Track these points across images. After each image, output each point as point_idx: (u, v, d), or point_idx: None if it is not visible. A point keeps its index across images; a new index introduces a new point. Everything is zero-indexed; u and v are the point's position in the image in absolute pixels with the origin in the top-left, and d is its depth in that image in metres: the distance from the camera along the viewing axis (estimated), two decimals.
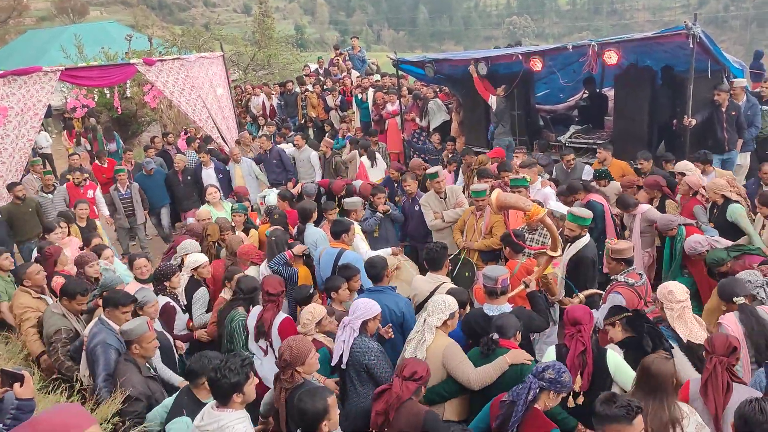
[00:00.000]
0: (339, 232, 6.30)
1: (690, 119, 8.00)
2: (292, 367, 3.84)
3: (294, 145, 11.12)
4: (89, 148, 14.22)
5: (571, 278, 5.72)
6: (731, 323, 4.27)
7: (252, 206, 9.32)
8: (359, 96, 13.98)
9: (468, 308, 5.05)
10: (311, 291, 5.37)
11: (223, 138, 12.51)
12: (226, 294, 5.80)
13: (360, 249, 6.53)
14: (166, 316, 5.60)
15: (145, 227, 10.66)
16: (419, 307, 5.27)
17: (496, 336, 4.12)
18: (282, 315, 5.03)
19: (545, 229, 6.20)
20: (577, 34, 64.97)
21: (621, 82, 9.30)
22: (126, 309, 4.81)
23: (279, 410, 3.91)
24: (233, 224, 7.66)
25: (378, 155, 10.99)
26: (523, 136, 10.47)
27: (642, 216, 6.92)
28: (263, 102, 15.70)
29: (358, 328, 4.42)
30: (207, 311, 6.10)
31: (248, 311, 5.32)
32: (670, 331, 4.27)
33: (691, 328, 4.29)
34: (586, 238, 5.80)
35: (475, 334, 4.61)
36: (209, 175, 10.60)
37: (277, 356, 3.93)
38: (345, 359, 4.34)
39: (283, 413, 3.87)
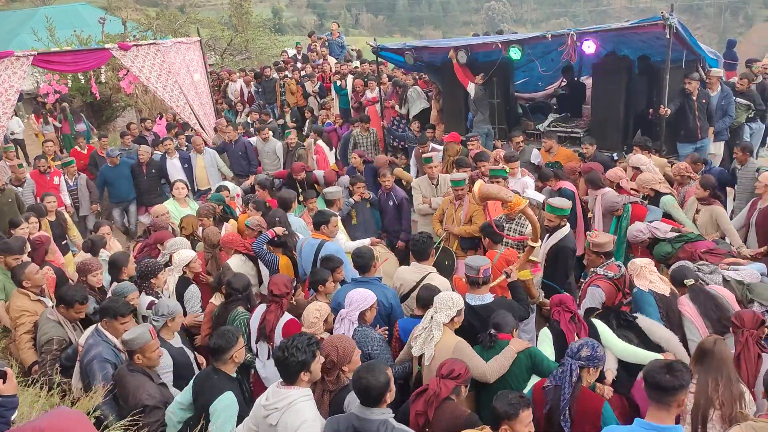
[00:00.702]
0: (320, 222, 6.22)
1: (666, 109, 8.11)
2: (339, 367, 3.74)
3: (263, 139, 10.90)
4: (58, 125, 13.94)
5: (550, 268, 5.81)
6: (685, 304, 4.62)
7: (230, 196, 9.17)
8: (338, 83, 13.90)
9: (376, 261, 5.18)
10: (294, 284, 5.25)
11: (200, 125, 12.37)
12: (216, 300, 5.54)
13: (339, 241, 6.50)
14: None
15: (86, 221, 10.18)
16: (405, 298, 5.29)
17: (493, 331, 4.19)
18: (286, 316, 4.83)
19: (523, 218, 6.30)
20: (554, 20, 65.21)
21: (599, 71, 9.38)
22: (125, 320, 4.56)
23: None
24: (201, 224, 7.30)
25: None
26: (502, 124, 10.52)
27: (603, 198, 7.03)
28: (241, 88, 15.54)
29: (356, 319, 4.43)
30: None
31: (250, 310, 5.14)
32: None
33: (652, 281, 4.86)
34: (566, 229, 5.88)
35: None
36: (174, 165, 10.30)
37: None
38: None
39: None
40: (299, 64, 16.51)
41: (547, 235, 5.93)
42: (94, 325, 4.61)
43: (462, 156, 8.53)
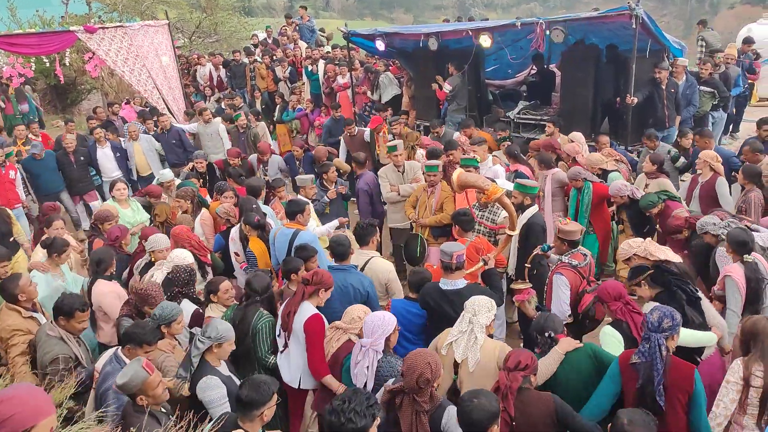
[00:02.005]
0: (294, 212, 6.11)
1: (632, 97, 8.28)
2: (432, 383, 3.43)
3: (205, 121, 10.66)
4: (2, 105, 13.50)
5: (522, 246, 6.00)
6: (735, 272, 4.68)
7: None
8: (309, 68, 13.82)
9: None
10: (270, 280, 5.05)
11: (169, 109, 12.21)
12: (213, 311, 5.09)
13: (309, 226, 6.46)
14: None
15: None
16: None
17: (552, 333, 4.04)
18: (309, 310, 4.48)
19: (496, 206, 6.43)
20: (525, 5, 65.28)
21: (567, 59, 9.52)
22: (151, 349, 4.06)
23: None
24: (179, 205, 7.26)
25: None
26: (473, 111, 10.61)
27: (552, 177, 7.34)
28: (210, 72, 15.34)
29: (382, 349, 4.01)
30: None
31: (274, 314, 4.80)
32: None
33: (665, 252, 4.81)
34: (534, 208, 6.14)
35: (428, 308, 4.76)
36: (105, 155, 9.97)
37: (407, 377, 3.35)
38: (371, 386, 3.92)
39: None
40: (269, 49, 16.33)
41: (519, 212, 6.08)
42: (113, 350, 4.14)
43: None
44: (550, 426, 3.48)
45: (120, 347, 4.10)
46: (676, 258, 4.77)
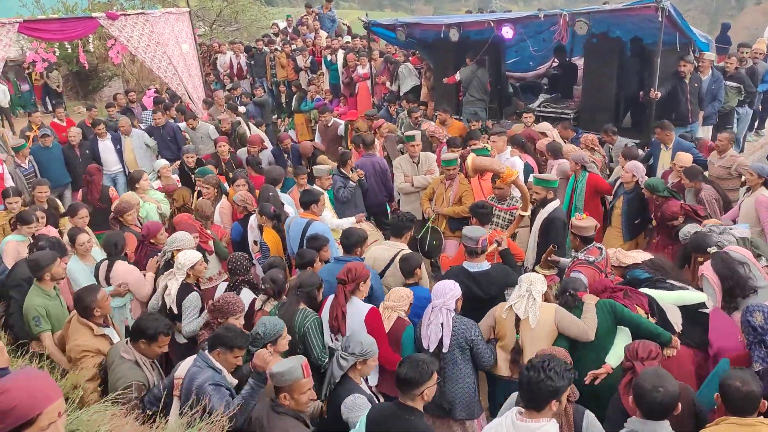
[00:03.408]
0: (308, 202, 6.19)
1: (656, 92, 8.15)
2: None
3: (191, 128, 10.42)
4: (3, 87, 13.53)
5: (543, 240, 6.01)
6: (707, 270, 4.79)
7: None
8: (329, 57, 13.79)
9: (419, 273, 5.01)
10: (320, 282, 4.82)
11: (190, 97, 12.27)
12: (267, 306, 4.77)
13: (326, 219, 6.49)
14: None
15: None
16: (380, 275, 5.25)
17: (573, 291, 4.44)
18: (363, 306, 4.44)
19: (512, 199, 6.44)
20: None
21: (591, 51, 9.38)
22: (240, 353, 3.85)
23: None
24: (206, 192, 7.22)
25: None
26: (494, 103, 10.52)
27: (558, 168, 7.38)
28: (230, 60, 15.37)
29: (454, 307, 4.26)
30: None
31: (317, 309, 4.67)
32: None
33: (634, 256, 4.97)
34: (556, 202, 6.14)
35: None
36: (107, 147, 9.87)
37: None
38: (448, 342, 4.14)
39: None
40: (289, 38, 16.32)
41: (540, 208, 6.13)
42: (194, 356, 3.88)
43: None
44: (688, 417, 3.46)
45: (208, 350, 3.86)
46: (645, 257, 4.96)
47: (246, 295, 4.91)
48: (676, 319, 4.35)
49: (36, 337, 4.65)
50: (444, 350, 4.14)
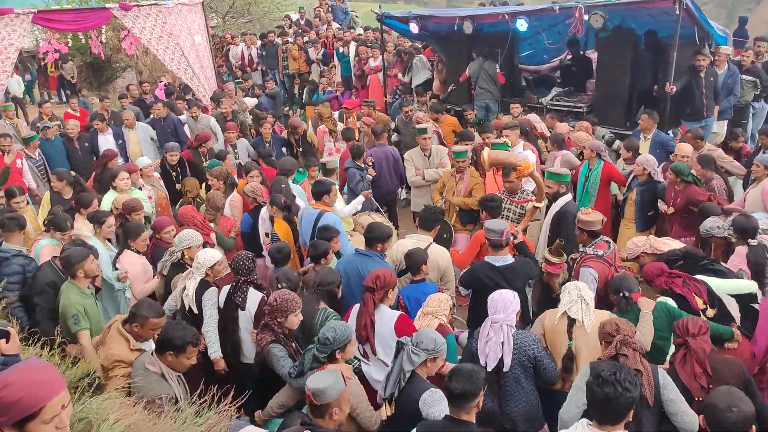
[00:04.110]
0: (320, 192, 6.15)
1: (671, 86, 8.05)
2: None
3: (193, 117, 10.41)
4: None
5: (554, 234, 5.95)
6: (741, 255, 4.92)
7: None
8: (341, 49, 13.76)
9: (425, 269, 4.93)
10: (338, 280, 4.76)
11: (202, 88, 12.29)
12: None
13: (337, 210, 6.46)
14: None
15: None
16: (404, 272, 5.16)
17: (627, 293, 4.31)
18: (392, 313, 4.31)
19: (523, 192, 6.40)
20: None
21: (605, 45, 9.27)
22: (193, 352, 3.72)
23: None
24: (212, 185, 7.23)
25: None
26: (506, 96, 10.45)
27: (562, 158, 7.49)
28: (242, 52, 15.37)
29: (515, 323, 4.04)
30: None
31: (336, 308, 4.58)
32: None
33: (669, 243, 5.15)
34: (568, 196, 6.12)
35: (479, 284, 4.88)
36: (108, 141, 9.56)
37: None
38: (509, 361, 3.93)
39: None
40: (301, 30, 16.30)
41: (553, 201, 6.14)
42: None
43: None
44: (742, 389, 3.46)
45: None
46: (678, 244, 5.12)
47: (253, 296, 4.81)
48: (733, 310, 4.34)
49: (73, 337, 4.47)
50: (505, 369, 3.94)
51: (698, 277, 4.47)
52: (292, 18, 17.99)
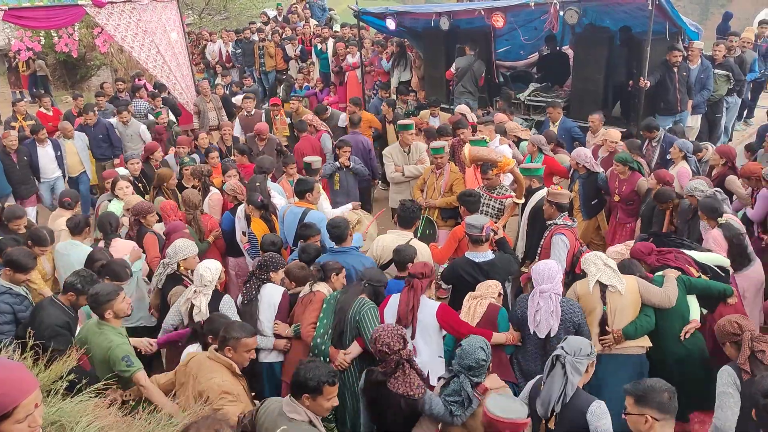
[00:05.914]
0: (303, 191, 6.12)
1: (645, 81, 8.14)
2: None
3: (123, 122, 10.01)
4: None
5: (531, 228, 6.12)
6: (717, 237, 5.21)
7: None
8: (318, 46, 13.70)
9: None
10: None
11: (179, 86, 12.14)
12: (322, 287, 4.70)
13: (323, 208, 6.45)
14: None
15: None
16: (387, 265, 5.19)
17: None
18: (432, 302, 4.39)
19: (502, 188, 6.43)
20: None
21: (580, 41, 9.36)
22: None
23: None
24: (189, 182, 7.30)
25: None
26: (483, 93, 10.49)
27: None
28: (220, 49, 15.24)
29: (560, 291, 4.30)
30: None
31: (378, 302, 4.58)
32: None
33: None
34: (543, 191, 6.15)
35: (458, 280, 4.91)
36: (47, 154, 9.04)
37: None
38: (556, 327, 4.19)
39: None
40: (279, 28, 16.20)
41: (530, 196, 6.25)
42: None
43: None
44: None
45: None
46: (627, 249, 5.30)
47: (273, 290, 4.73)
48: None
49: (128, 382, 3.91)
50: (551, 334, 4.22)
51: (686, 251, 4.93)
52: (269, 15, 17.86)
